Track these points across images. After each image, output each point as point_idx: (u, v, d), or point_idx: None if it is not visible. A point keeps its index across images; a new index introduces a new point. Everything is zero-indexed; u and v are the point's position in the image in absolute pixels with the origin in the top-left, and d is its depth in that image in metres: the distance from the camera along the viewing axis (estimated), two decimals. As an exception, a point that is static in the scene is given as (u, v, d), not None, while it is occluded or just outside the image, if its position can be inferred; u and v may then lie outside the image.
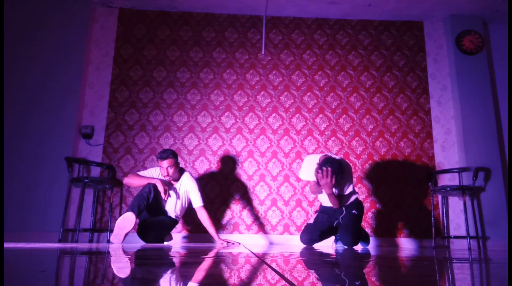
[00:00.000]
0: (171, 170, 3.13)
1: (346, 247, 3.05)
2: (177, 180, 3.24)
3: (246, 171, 4.00)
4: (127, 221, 2.82)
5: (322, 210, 3.21)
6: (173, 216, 3.22)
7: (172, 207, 3.21)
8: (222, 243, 3.15)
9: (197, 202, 3.19)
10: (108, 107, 4.08)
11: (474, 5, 4.21)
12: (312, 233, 3.10)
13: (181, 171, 3.29)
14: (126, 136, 4.01)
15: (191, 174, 3.29)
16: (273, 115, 4.16)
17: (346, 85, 4.27)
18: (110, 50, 4.23)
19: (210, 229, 3.19)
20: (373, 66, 4.34)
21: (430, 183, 3.97)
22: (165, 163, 3.11)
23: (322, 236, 3.15)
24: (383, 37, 4.44)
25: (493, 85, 4.32)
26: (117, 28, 4.30)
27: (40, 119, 3.81)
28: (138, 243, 3.06)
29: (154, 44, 4.29)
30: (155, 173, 3.25)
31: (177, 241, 3.68)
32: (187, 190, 3.23)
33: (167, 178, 3.17)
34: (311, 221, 3.17)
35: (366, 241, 3.30)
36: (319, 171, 2.93)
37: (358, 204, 3.15)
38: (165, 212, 3.22)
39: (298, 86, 4.25)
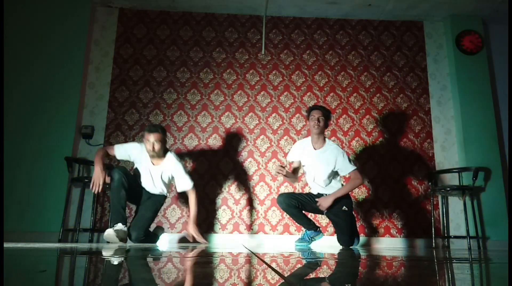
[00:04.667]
0: (157, 146, 2.98)
1: (342, 246, 3.06)
2: (161, 158, 3.11)
3: (246, 170, 4.00)
4: (114, 239, 2.79)
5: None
6: (156, 193, 3.16)
7: (152, 188, 3.14)
8: (191, 235, 3.10)
9: (186, 185, 3.10)
10: (108, 107, 4.07)
11: (474, 5, 4.21)
12: (290, 198, 3.15)
13: (165, 152, 3.15)
14: (126, 136, 4.01)
15: (176, 155, 3.15)
16: (273, 115, 4.15)
17: (346, 85, 4.27)
18: (110, 50, 4.23)
19: (192, 212, 3.10)
20: (373, 66, 4.34)
21: (430, 183, 3.97)
22: (152, 137, 2.96)
23: (300, 206, 3.18)
24: (383, 37, 4.44)
25: (493, 85, 4.32)
26: (117, 28, 4.30)
27: (40, 119, 3.81)
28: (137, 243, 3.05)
29: (154, 44, 4.28)
30: (134, 148, 3.11)
31: (175, 241, 3.68)
32: (173, 174, 3.12)
33: (151, 153, 3.03)
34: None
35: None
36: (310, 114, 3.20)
37: (346, 198, 3.13)
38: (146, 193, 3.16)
39: (298, 86, 4.25)
